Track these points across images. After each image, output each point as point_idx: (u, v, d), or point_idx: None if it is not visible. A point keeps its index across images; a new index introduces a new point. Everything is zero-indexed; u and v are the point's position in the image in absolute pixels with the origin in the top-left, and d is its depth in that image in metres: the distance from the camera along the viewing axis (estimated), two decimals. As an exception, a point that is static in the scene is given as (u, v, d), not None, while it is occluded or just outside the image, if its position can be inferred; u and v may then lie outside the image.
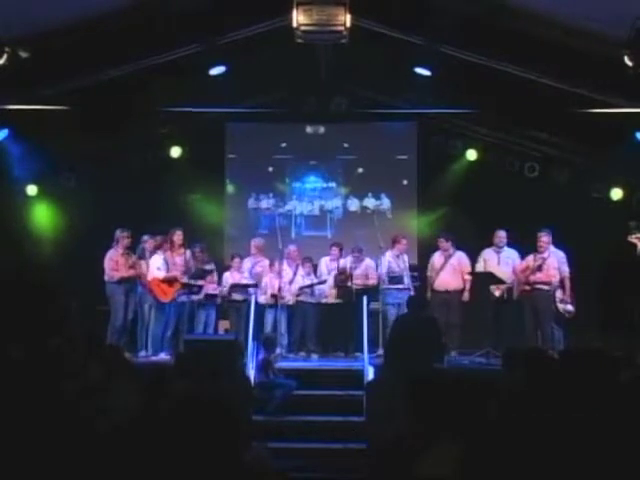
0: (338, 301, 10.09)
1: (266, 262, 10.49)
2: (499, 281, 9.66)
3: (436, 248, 10.34)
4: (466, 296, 10.03)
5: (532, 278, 9.37)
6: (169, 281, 9.58)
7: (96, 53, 8.41)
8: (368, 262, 10.34)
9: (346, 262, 10.28)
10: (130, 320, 9.65)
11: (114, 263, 9.57)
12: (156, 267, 9.59)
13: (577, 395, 3.40)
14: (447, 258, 10.14)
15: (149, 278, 9.61)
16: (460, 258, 10.15)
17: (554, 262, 9.38)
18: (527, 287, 9.43)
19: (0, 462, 2.89)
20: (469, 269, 10.06)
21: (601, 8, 7.04)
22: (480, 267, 10.03)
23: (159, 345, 9.52)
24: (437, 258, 10.24)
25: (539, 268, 9.31)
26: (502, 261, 9.85)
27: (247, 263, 10.45)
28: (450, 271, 10.08)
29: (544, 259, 9.36)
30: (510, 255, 9.84)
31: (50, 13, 7.55)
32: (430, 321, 8.35)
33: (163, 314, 9.64)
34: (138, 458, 2.90)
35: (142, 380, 4.60)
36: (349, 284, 10.11)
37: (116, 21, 8.12)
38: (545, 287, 9.35)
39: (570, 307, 9.41)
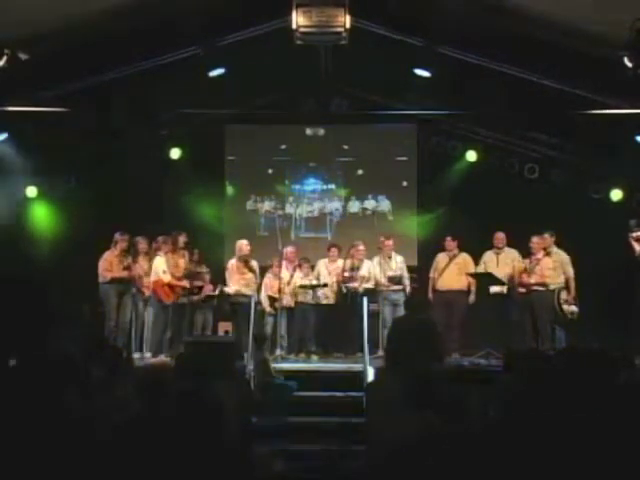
0: (337, 302, 10.12)
1: (254, 262, 10.51)
2: (498, 282, 9.66)
3: (439, 248, 10.36)
4: (472, 298, 10.05)
5: (526, 280, 9.40)
6: (172, 284, 9.60)
7: (96, 55, 8.42)
8: (367, 263, 10.36)
9: (346, 264, 10.29)
10: (128, 321, 9.65)
11: (108, 264, 9.59)
12: (162, 270, 9.59)
13: (577, 395, 3.39)
14: (451, 258, 10.16)
15: (153, 279, 9.62)
16: (465, 259, 10.17)
17: (548, 263, 9.39)
18: (523, 289, 9.46)
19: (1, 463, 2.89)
20: (473, 269, 10.09)
21: (601, 9, 7.05)
22: (481, 270, 10.05)
23: (158, 346, 9.51)
24: (441, 258, 10.25)
25: (532, 270, 9.34)
26: (501, 262, 9.88)
27: (232, 264, 10.42)
28: (455, 271, 10.09)
29: (538, 260, 9.39)
30: (509, 256, 9.84)
31: (50, 15, 7.55)
32: (428, 322, 8.35)
33: (162, 315, 9.64)
34: (138, 459, 2.90)
35: (142, 381, 4.60)
36: (353, 285, 10.13)
37: (115, 23, 8.13)
38: (541, 288, 9.36)
39: (574, 308, 9.41)
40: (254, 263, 10.46)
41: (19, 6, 7.21)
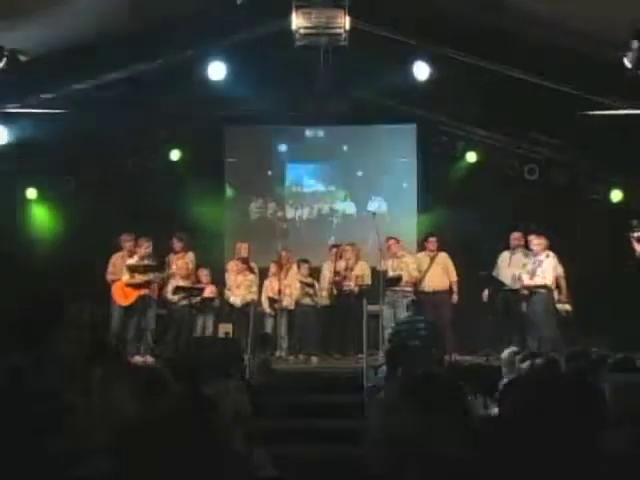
0: (333, 304, 10.12)
1: (253, 264, 10.52)
2: (500, 284, 9.66)
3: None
4: (455, 298, 10.07)
5: (528, 282, 9.39)
6: (137, 285, 9.49)
7: (95, 56, 8.42)
8: (362, 264, 10.34)
9: (337, 265, 10.30)
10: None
11: (111, 266, 9.62)
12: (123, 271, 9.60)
13: (577, 397, 3.39)
14: (432, 258, 10.17)
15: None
16: (446, 259, 10.19)
17: (551, 264, 9.40)
18: (525, 291, 9.45)
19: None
20: (454, 269, 10.09)
21: (601, 9, 7.05)
22: (495, 270, 10.04)
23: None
24: (422, 259, 10.25)
25: (534, 271, 9.34)
26: (513, 263, 9.84)
27: (233, 266, 10.42)
28: (438, 272, 10.11)
29: (540, 262, 9.37)
30: (523, 257, 9.77)
31: (49, 15, 7.55)
32: (429, 323, 8.35)
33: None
34: (136, 460, 2.88)
35: (142, 382, 4.59)
36: (345, 286, 10.12)
37: (115, 24, 8.13)
38: (542, 290, 9.36)
39: (567, 306, 9.40)
40: (253, 265, 10.49)
41: (19, 8, 7.21)
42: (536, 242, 9.41)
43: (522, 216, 10.31)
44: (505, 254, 10.01)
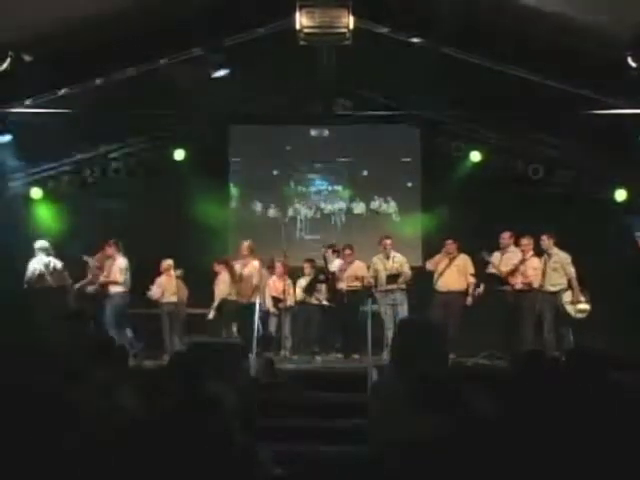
0: (341, 303, 10.11)
1: (256, 263, 10.48)
2: (501, 282, 9.68)
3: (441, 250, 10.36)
4: (469, 300, 10.06)
5: (512, 280, 9.48)
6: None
7: (99, 56, 8.44)
8: (358, 263, 10.32)
9: (336, 265, 10.31)
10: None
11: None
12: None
13: (579, 396, 3.39)
14: (451, 260, 10.15)
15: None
16: (465, 260, 10.16)
17: (534, 263, 9.45)
18: (509, 288, 9.52)
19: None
20: (473, 271, 10.08)
21: (604, 9, 7.04)
22: (488, 269, 10.07)
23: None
24: (440, 258, 10.25)
25: (516, 270, 9.47)
26: (503, 262, 9.86)
27: (237, 266, 10.40)
28: (454, 272, 10.09)
29: (524, 260, 9.49)
30: (513, 256, 9.82)
31: (53, 16, 7.57)
32: (434, 323, 8.35)
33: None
34: (139, 460, 2.89)
35: (145, 382, 4.60)
36: (339, 286, 10.12)
37: (119, 24, 8.14)
38: (527, 288, 9.43)
39: (582, 306, 9.37)
40: (255, 264, 10.41)
41: (22, 9, 7.23)
42: (525, 243, 9.58)
43: (526, 216, 10.28)
44: (496, 254, 10.03)
